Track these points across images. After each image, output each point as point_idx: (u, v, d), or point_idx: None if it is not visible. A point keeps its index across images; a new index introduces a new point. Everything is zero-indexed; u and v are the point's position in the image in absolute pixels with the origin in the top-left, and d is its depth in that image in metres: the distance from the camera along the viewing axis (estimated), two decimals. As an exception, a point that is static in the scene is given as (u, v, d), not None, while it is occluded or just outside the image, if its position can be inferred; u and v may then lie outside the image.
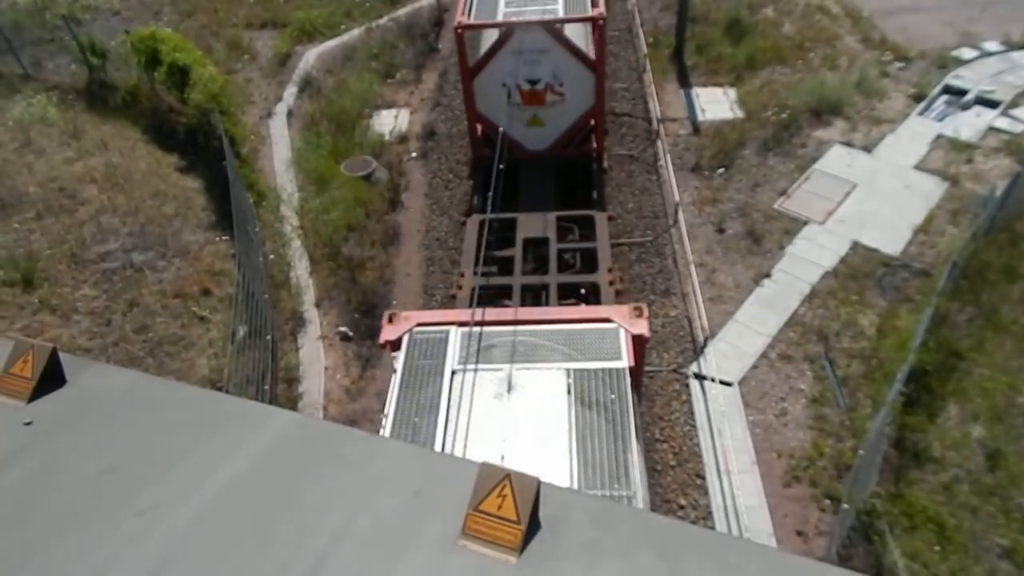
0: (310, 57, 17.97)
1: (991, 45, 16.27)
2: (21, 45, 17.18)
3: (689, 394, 10.05)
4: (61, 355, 2.51)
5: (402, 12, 19.63)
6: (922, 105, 14.70)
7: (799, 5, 18.42)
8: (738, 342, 10.52)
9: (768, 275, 11.44)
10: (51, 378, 2.47)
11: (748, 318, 10.84)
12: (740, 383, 10.04)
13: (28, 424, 2.33)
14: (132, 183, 13.09)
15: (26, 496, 2.11)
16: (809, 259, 11.61)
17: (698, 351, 10.48)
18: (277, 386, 10.23)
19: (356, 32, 18.87)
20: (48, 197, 12.65)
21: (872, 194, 12.72)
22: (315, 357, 10.84)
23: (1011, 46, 16.15)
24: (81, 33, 16.39)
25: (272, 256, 12.25)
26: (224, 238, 12.31)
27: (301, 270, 12.16)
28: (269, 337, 10.34)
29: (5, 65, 16.88)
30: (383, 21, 19.18)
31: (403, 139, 15.09)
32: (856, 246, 11.77)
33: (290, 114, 16.07)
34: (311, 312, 11.50)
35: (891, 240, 11.79)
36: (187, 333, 10.79)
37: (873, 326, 10.57)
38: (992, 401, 9.44)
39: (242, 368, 9.37)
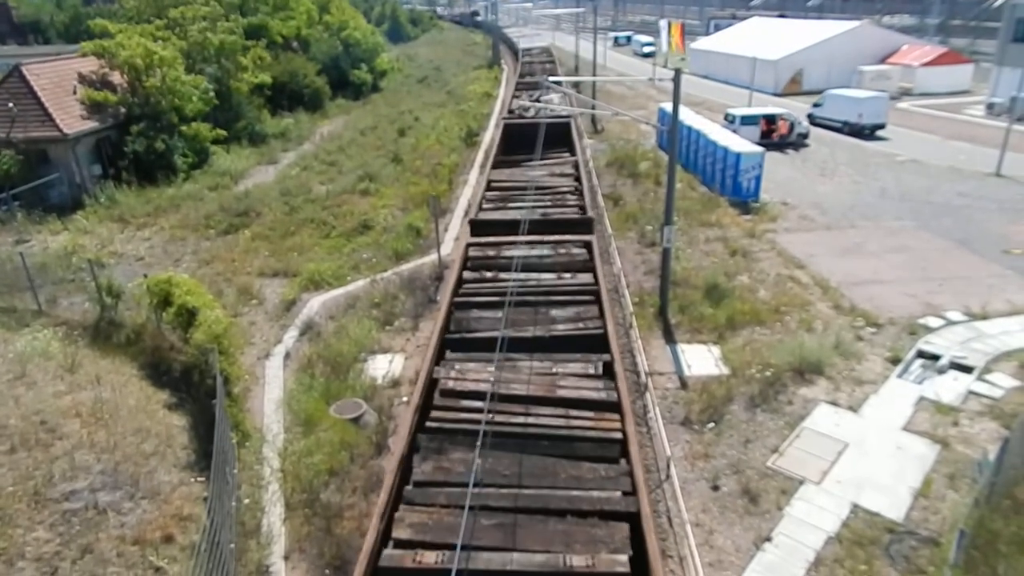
0: (314, 304, 18.98)
1: (955, 315, 17.40)
2: (42, 284, 18.20)
3: None
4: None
5: (405, 267, 21.24)
6: (899, 368, 15.23)
7: (771, 275, 20.06)
8: (744, 616, 9.56)
9: (769, 539, 10.80)
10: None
11: (752, 588, 9.98)
12: (750, 667, 8.90)
13: None
14: (117, 418, 12.92)
15: None
16: (810, 522, 11.07)
17: (700, 626, 9.47)
18: (227, 655, 9.00)
19: (361, 283, 20.20)
20: (27, 430, 12.37)
21: (864, 455, 12.58)
22: (275, 620, 9.71)
23: (973, 316, 17.27)
24: (102, 275, 17.47)
25: (246, 500, 11.63)
26: (200, 479, 11.81)
27: (275, 516, 11.46)
28: (227, 594, 9.36)
29: (22, 301, 17.71)
30: (387, 274, 20.65)
31: (395, 383, 15.29)
32: (857, 509, 11.31)
33: (287, 356, 16.48)
34: (278, 565, 10.58)
35: (892, 504, 11.37)
36: (138, 586, 9.79)
37: (888, 601, 9.71)
38: None
39: (191, 631, 8.33)
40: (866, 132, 37.70)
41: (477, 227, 16.27)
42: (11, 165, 26.46)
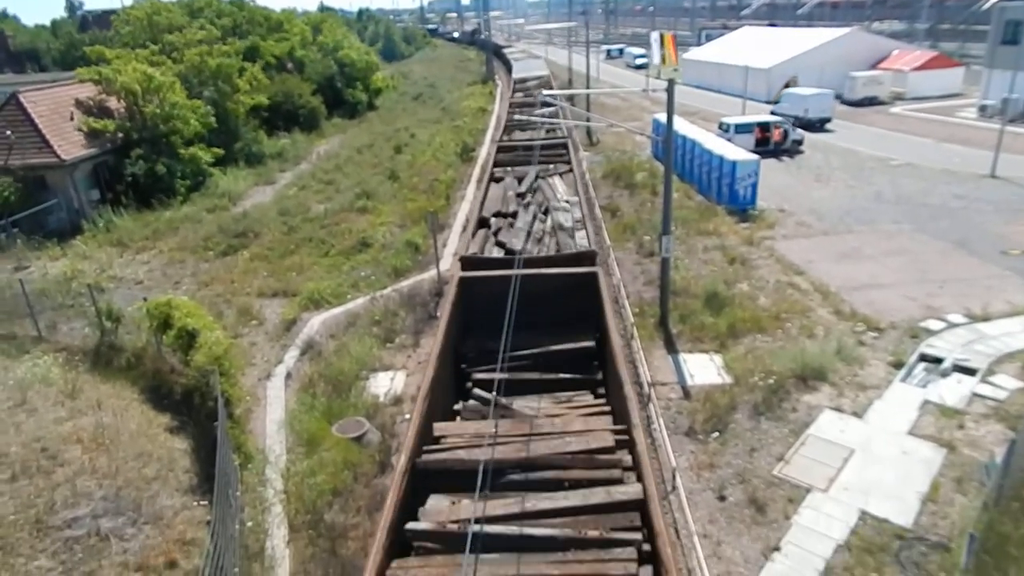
0: (315, 323, 18.94)
1: (955, 318, 17.38)
2: (41, 310, 18.17)
3: None
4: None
5: (405, 284, 21.23)
6: (903, 372, 15.19)
7: (770, 282, 20.05)
8: (755, 628, 9.45)
9: (778, 548, 10.71)
10: None
11: (762, 598, 9.88)
12: None
13: None
14: (118, 444, 12.86)
15: None
16: (818, 530, 10.99)
17: (711, 639, 9.36)
18: None
19: (361, 301, 20.18)
20: (28, 457, 12.31)
21: (871, 460, 12.51)
22: (281, 644, 9.61)
23: (974, 318, 17.25)
24: (102, 300, 17.45)
25: (250, 523, 11.54)
26: (202, 503, 11.73)
27: (279, 539, 11.37)
28: (233, 619, 9.27)
29: (22, 328, 17.67)
30: (387, 291, 20.63)
31: (397, 401, 15.22)
32: (865, 516, 11.23)
33: (288, 376, 16.43)
34: (283, 588, 10.48)
35: (900, 510, 11.29)
36: (142, 614, 9.70)
37: (900, 609, 9.61)
38: None
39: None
40: (815, 125, 40.79)
41: None
42: (9, 192, 26.53)
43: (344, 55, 58.85)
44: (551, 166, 22.53)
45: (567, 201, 18.44)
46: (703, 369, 15.80)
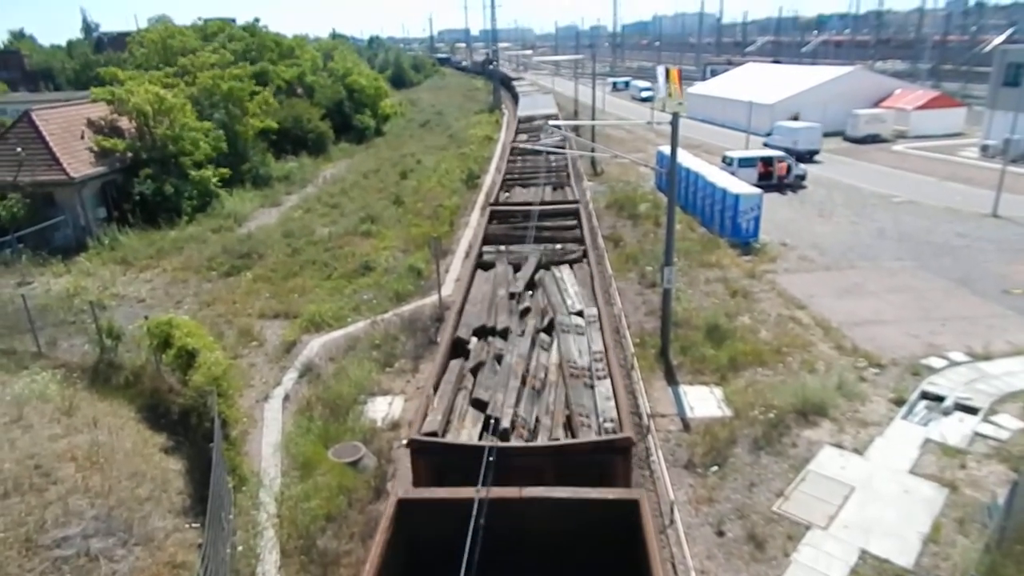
0: (315, 345, 18.92)
1: (957, 356, 17.31)
2: (42, 326, 18.19)
3: None
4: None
5: (406, 308, 21.24)
6: (904, 409, 15.08)
7: (771, 315, 20.03)
8: (752, 668, 9.25)
9: (776, 586, 10.54)
10: None
11: (760, 638, 9.69)
12: None
13: None
14: (112, 462, 12.75)
15: None
16: (818, 569, 10.82)
17: None
18: None
19: (361, 324, 20.17)
20: (21, 475, 12.20)
21: (872, 499, 12.36)
22: (268, 673, 9.41)
23: (976, 357, 17.17)
24: (103, 317, 17.47)
25: (241, 547, 11.40)
26: (194, 525, 11.60)
27: (270, 564, 11.21)
28: (220, 646, 9.10)
29: (22, 343, 17.67)
30: (388, 316, 20.63)
31: (395, 426, 15.13)
32: (865, 555, 11.06)
33: (286, 398, 16.36)
34: (273, 615, 10.31)
35: (901, 550, 11.12)
36: (128, 638, 9.53)
37: (901, 653, 9.41)
38: None
39: None
40: (805, 156, 41.87)
41: None
42: (18, 208, 26.76)
43: (353, 81, 59.72)
44: (558, 246, 16.42)
45: (580, 313, 12.47)
46: (703, 401, 15.70)
